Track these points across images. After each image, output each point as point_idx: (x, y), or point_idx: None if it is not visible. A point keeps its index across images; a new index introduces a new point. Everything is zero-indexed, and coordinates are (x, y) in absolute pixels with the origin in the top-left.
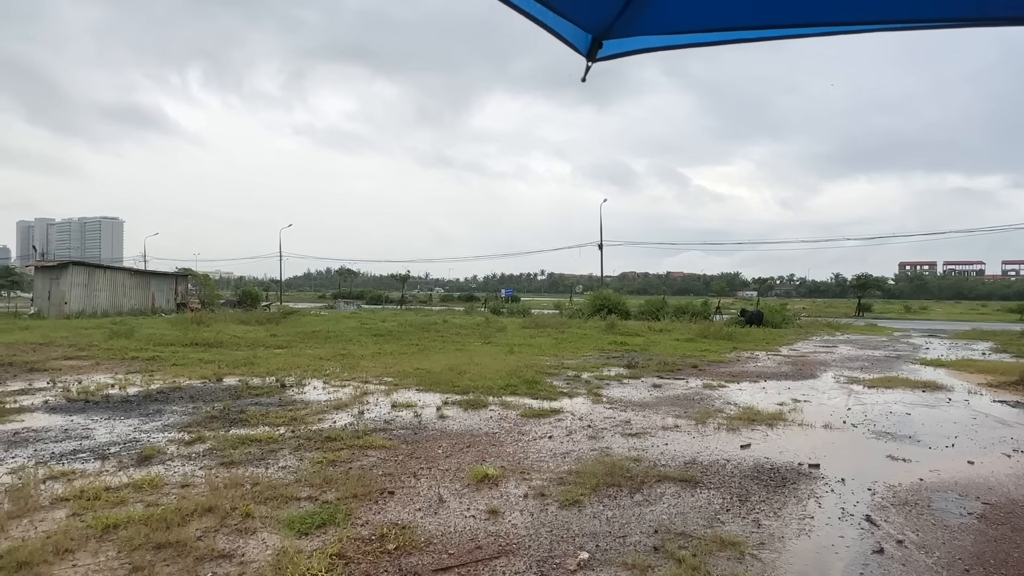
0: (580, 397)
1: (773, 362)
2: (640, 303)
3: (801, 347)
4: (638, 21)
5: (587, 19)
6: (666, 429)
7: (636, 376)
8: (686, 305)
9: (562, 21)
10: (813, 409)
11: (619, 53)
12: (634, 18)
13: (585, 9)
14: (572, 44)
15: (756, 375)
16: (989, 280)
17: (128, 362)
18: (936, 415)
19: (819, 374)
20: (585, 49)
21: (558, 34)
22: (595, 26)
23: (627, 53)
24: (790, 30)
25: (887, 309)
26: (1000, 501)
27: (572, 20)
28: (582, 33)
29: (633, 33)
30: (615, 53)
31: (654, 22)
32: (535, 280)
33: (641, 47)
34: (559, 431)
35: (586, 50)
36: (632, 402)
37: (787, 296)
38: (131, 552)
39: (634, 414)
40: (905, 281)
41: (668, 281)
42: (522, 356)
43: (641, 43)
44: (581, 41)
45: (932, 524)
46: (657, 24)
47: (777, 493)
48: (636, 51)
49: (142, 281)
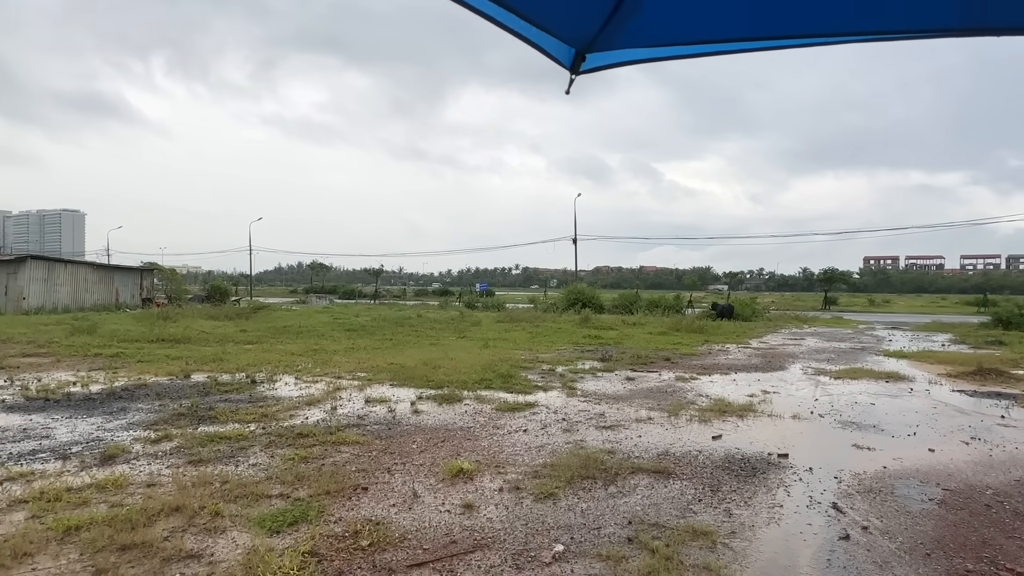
0: (555, 391)
1: (743, 354)
2: (614, 297)
3: (770, 340)
4: (620, 35)
5: (570, 34)
6: (640, 421)
7: (610, 369)
8: (659, 299)
9: (545, 36)
10: (782, 400)
11: (602, 66)
12: (616, 32)
13: (568, 24)
14: (556, 58)
15: (727, 367)
16: (948, 274)
17: (91, 359)
18: (899, 405)
19: (788, 366)
20: (568, 63)
21: (542, 49)
22: (578, 40)
23: (610, 66)
24: (771, 42)
25: (852, 302)
26: (959, 487)
27: (555, 35)
28: (565, 47)
29: (615, 47)
30: (598, 66)
31: (635, 35)
32: (509, 275)
33: (623, 60)
34: (534, 425)
35: (569, 63)
36: (606, 395)
37: (757, 290)
38: (94, 554)
39: (608, 407)
40: (869, 275)
41: (641, 275)
42: (497, 350)
43: (623, 56)
44: (565, 55)
45: (895, 510)
46: (638, 37)
47: (748, 483)
48: (618, 63)
49: (105, 276)
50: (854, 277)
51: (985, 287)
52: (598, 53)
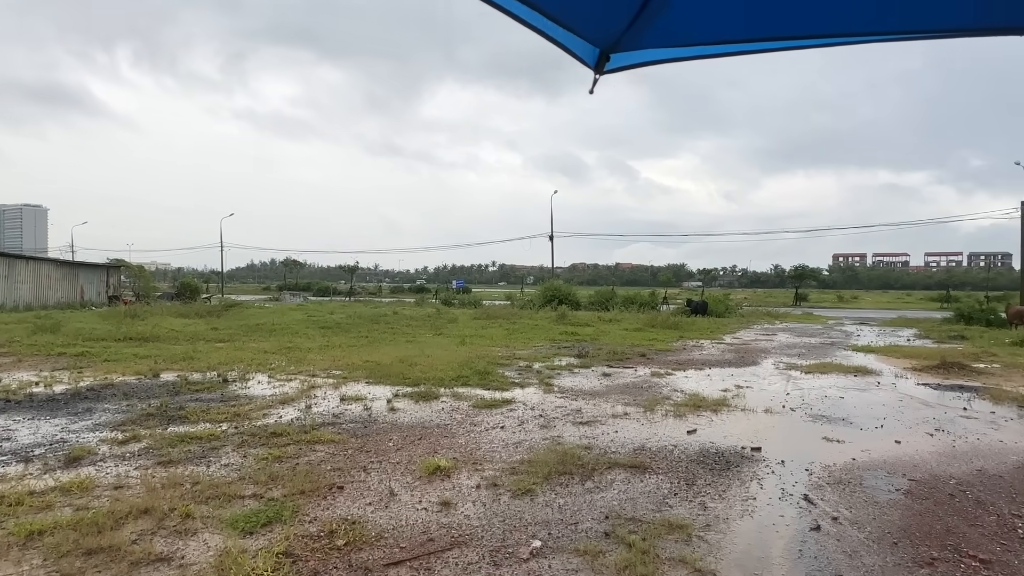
0: (532, 387)
1: (717, 350)
2: (590, 294)
3: (743, 335)
4: (645, 35)
5: (595, 34)
6: (616, 417)
7: (586, 366)
8: (634, 296)
9: (570, 35)
10: (755, 395)
11: (626, 66)
12: (641, 32)
13: (593, 24)
14: (580, 58)
15: (701, 363)
16: (913, 271)
17: (54, 358)
18: (867, 398)
19: (760, 361)
20: (593, 62)
21: (567, 48)
22: (603, 40)
23: (634, 65)
24: (795, 41)
25: (822, 298)
26: (924, 477)
27: (580, 35)
28: (590, 47)
29: (640, 47)
30: (622, 66)
31: (661, 36)
32: (486, 271)
33: (647, 60)
34: (511, 421)
35: (594, 63)
36: (583, 391)
37: (730, 286)
38: (58, 559)
39: (585, 403)
40: (838, 272)
41: (617, 272)
42: (474, 347)
43: (647, 56)
44: (589, 55)
45: (864, 501)
46: (664, 37)
47: (722, 476)
48: (642, 63)
49: (69, 273)
50: (823, 274)
51: (948, 283)
52: (623, 53)
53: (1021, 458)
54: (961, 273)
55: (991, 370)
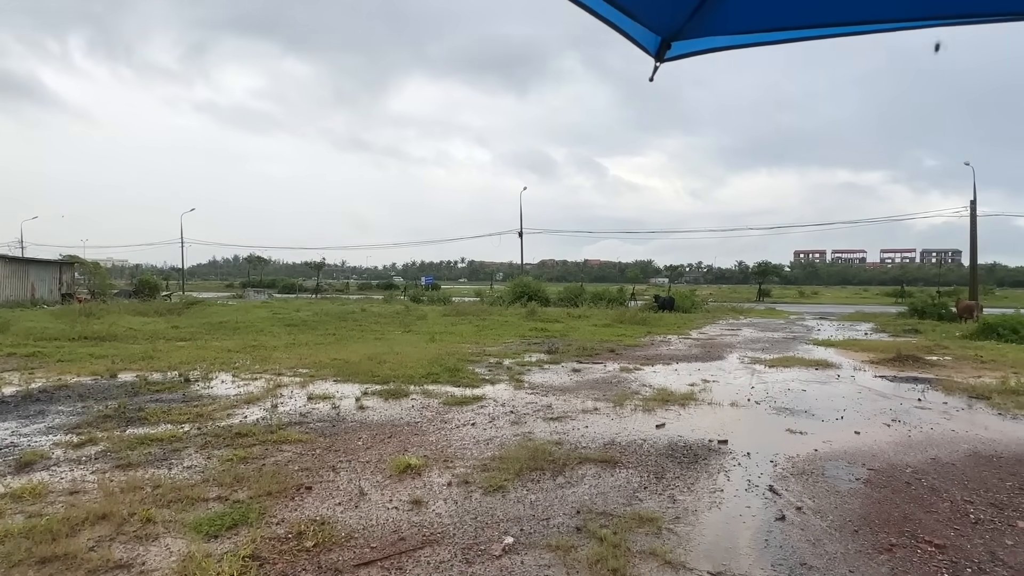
0: (502, 383)
1: (684, 345)
2: (559, 290)
3: (709, 330)
4: (707, 23)
5: (658, 22)
6: (586, 412)
7: (556, 361)
8: (603, 292)
9: (633, 23)
10: (721, 388)
11: (687, 53)
12: (703, 20)
13: (656, 13)
14: (642, 45)
15: (669, 358)
16: (870, 267)
17: (3, 359)
18: (827, 391)
19: (726, 355)
20: (654, 50)
21: (628, 35)
22: (665, 29)
23: (694, 53)
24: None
25: (784, 294)
26: (882, 467)
27: (643, 23)
28: (652, 35)
29: (703, 35)
30: (683, 53)
31: (725, 23)
32: (455, 268)
33: (708, 47)
34: (482, 418)
35: (655, 51)
36: (553, 387)
37: (696, 283)
38: (9, 569)
39: (555, 399)
40: (799, 268)
41: (586, 269)
42: (443, 344)
43: (709, 43)
44: (651, 43)
45: (826, 491)
46: (726, 25)
47: (690, 469)
48: (703, 51)
49: (19, 269)
50: (786, 270)
51: (902, 279)
52: (684, 41)
53: (972, 447)
54: (914, 269)
55: (943, 362)
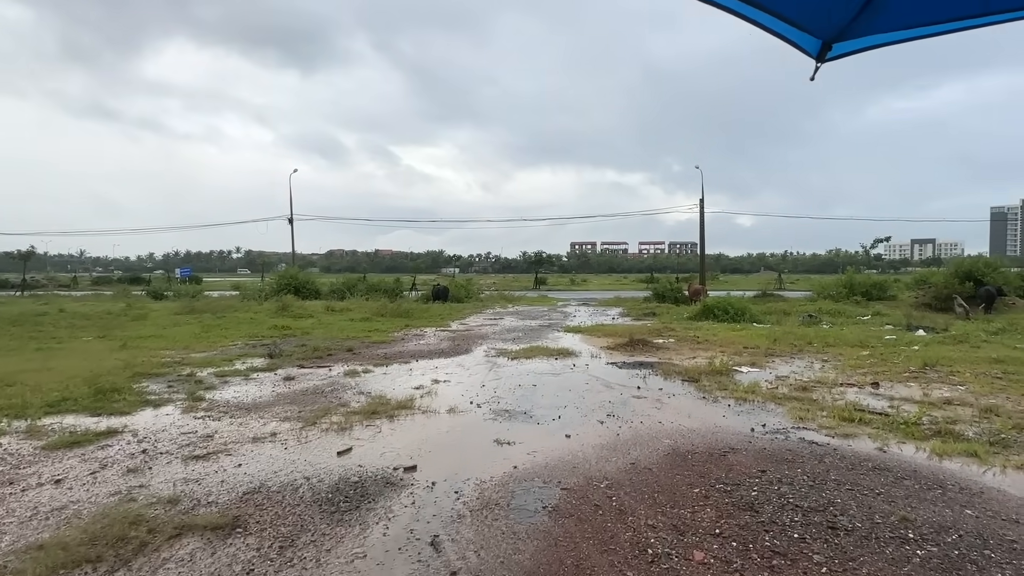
0: (170, 405)
1: (436, 338)
2: (332, 281)
3: (472, 320)
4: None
5: (819, 27)
6: (257, 440)
7: (273, 368)
8: (379, 283)
9: (796, 31)
10: (448, 390)
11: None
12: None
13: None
14: (804, 49)
15: (411, 354)
16: (631, 257)
17: None
18: (557, 383)
19: (473, 348)
20: (815, 52)
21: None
22: (826, 33)
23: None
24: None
25: (559, 282)
26: (578, 483)
27: (804, 29)
28: (813, 39)
29: (863, 35)
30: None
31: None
32: (229, 258)
33: (867, 45)
34: (83, 468)
35: (816, 53)
36: (240, 405)
37: (485, 272)
38: None
39: (228, 423)
40: (575, 258)
41: (376, 259)
42: (136, 352)
43: (870, 41)
44: (812, 46)
45: (502, 534)
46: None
47: (342, 522)
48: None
49: None
50: (563, 259)
51: (654, 267)
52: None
53: (672, 442)
54: (664, 259)
55: (668, 344)
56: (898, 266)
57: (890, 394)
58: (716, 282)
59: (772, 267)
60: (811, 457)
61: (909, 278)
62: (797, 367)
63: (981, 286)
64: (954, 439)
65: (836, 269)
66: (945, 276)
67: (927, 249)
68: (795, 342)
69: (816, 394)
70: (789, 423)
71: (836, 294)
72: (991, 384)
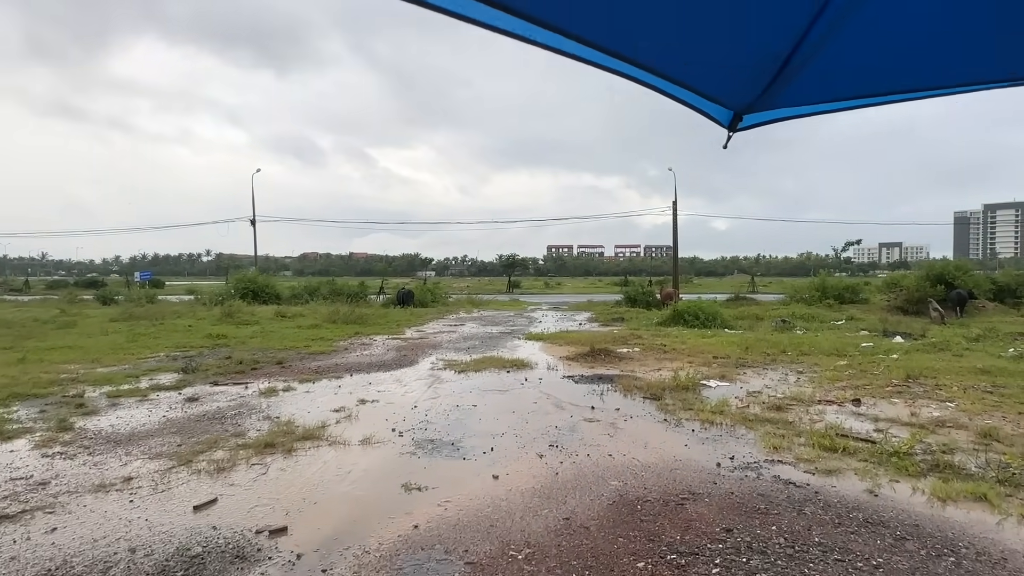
0: (24, 437)
1: (383, 348)
2: (293, 285)
3: (430, 327)
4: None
5: (729, 99)
6: (101, 489)
7: (181, 385)
8: (343, 286)
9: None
10: (373, 413)
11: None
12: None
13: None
14: (715, 119)
15: (347, 367)
16: (607, 260)
17: None
18: (501, 403)
19: (420, 360)
20: (727, 122)
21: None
22: (737, 104)
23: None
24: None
25: (533, 285)
26: (490, 552)
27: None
28: (724, 110)
29: (773, 107)
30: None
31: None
32: (199, 261)
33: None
34: None
35: (727, 123)
36: (111, 436)
37: (461, 275)
38: None
39: (81, 463)
40: (551, 261)
41: (351, 262)
42: (37, 365)
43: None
44: (723, 116)
45: None
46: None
47: None
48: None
49: None
50: (539, 262)
51: (630, 270)
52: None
53: (621, 484)
54: (640, 262)
55: (632, 354)
56: (867, 269)
57: (874, 413)
58: (689, 285)
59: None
60: (788, 506)
61: (880, 281)
62: (770, 380)
63: (952, 289)
64: (955, 475)
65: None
66: (917, 279)
67: (895, 252)
68: (768, 350)
69: (792, 414)
70: (762, 454)
71: (809, 297)
72: (982, 400)
